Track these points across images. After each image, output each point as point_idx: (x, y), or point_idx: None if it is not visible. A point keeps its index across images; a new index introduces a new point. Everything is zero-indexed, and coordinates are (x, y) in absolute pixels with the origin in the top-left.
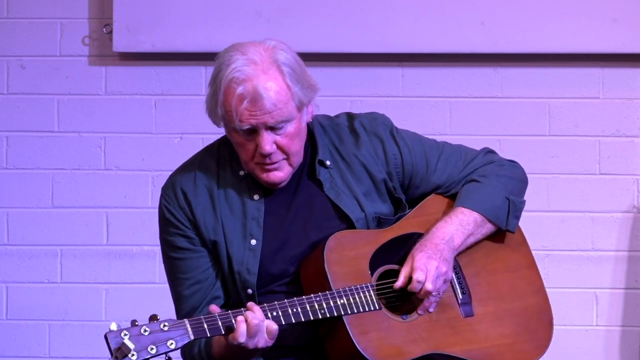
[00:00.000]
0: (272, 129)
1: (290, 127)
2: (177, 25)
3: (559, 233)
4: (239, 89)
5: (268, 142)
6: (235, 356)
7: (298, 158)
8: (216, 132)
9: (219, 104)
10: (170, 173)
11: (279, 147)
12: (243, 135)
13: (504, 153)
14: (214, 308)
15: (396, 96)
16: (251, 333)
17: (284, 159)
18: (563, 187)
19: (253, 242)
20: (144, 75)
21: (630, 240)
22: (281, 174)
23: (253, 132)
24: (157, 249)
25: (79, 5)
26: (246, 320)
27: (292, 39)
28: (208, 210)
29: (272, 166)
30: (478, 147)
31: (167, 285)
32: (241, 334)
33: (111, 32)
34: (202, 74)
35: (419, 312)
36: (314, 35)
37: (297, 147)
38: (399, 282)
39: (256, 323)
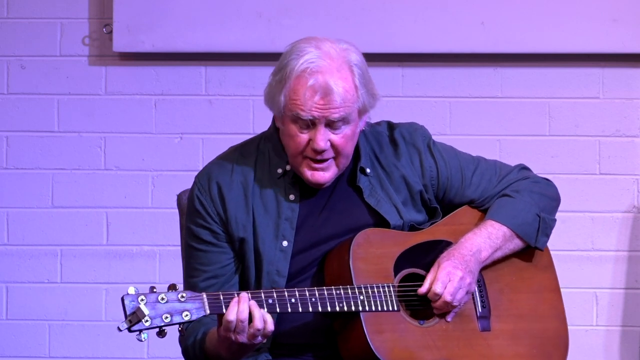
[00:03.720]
0: (330, 126)
1: (347, 129)
2: (177, 25)
3: (559, 233)
4: (311, 81)
5: (324, 138)
6: (225, 348)
7: (346, 161)
8: (217, 133)
9: (284, 92)
10: (170, 173)
11: (332, 146)
12: (300, 126)
13: (504, 153)
14: None
15: (396, 96)
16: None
17: (333, 158)
18: (563, 187)
19: (285, 243)
20: (144, 75)
21: (630, 240)
22: (327, 174)
23: (311, 125)
24: (157, 249)
25: (79, 5)
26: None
27: (292, 39)
28: (240, 206)
29: (320, 165)
30: (478, 148)
31: (167, 286)
32: (231, 312)
33: (111, 32)
34: (202, 74)
35: (436, 315)
36: (314, 35)
37: (348, 150)
38: (424, 289)
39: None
